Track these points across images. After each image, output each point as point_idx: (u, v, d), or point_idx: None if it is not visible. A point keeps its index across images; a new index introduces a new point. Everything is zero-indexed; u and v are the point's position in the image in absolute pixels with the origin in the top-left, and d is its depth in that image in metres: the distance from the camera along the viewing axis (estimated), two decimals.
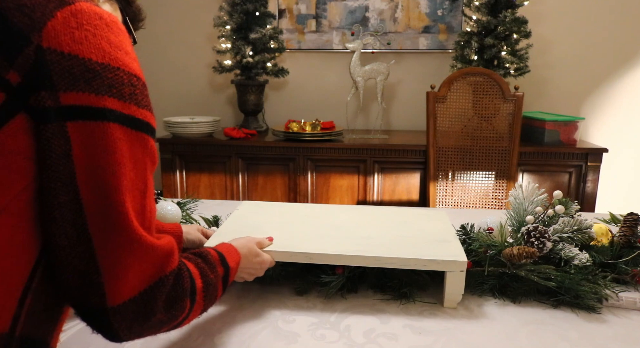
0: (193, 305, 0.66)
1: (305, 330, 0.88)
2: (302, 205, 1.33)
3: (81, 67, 0.52)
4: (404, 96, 2.84)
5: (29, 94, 0.50)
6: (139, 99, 0.56)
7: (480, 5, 2.40)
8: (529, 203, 1.11)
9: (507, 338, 0.85)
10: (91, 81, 0.52)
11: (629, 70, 2.70)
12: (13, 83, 0.50)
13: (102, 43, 0.53)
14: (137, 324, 0.57)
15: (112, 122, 0.53)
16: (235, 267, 0.83)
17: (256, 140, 2.44)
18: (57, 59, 0.51)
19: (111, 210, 0.53)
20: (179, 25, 2.88)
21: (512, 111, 2.16)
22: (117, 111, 0.54)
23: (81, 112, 0.51)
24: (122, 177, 0.54)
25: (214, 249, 0.80)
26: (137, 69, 0.57)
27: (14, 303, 0.52)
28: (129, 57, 0.56)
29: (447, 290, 0.95)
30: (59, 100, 0.51)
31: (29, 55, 0.50)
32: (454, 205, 2.24)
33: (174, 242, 0.62)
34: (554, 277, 0.97)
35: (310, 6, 2.78)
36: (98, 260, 0.53)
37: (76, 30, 0.52)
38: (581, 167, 2.31)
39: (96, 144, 0.52)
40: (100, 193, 0.52)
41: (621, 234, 1.11)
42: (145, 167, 0.58)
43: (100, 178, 0.52)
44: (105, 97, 0.53)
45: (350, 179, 2.41)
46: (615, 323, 0.91)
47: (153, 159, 0.59)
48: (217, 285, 0.74)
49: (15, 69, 0.50)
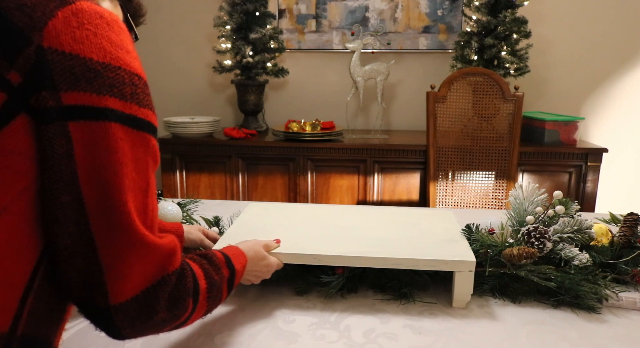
0: (196, 305, 0.66)
1: (305, 330, 0.88)
2: (308, 206, 1.33)
3: (82, 66, 0.52)
4: (404, 96, 2.84)
5: (30, 94, 0.50)
6: (140, 98, 0.56)
7: (480, 5, 2.40)
8: (529, 204, 1.11)
9: (507, 338, 0.85)
10: (92, 81, 0.52)
11: (629, 70, 2.70)
12: (14, 83, 0.50)
13: (103, 42, 0.53)
14: (140, 323, 0.57)
15: (113, 121, 0.53)
16: (241, 269, 0.83)
17: (256, 140, 2.44)
18: (58, 58, 0.51)
19: (113, 209, 0.53)
20: (179, 25, 2.88)
21: (512, 111, 2.16)
22: (119, 111, 0.54)
23: (83, 112, 0.51)
24: (124, 177, 0.54)
25: (220, 251, 0.80)
26: (139, 68, 0.57)
27: (14, 303, 0.52)
28: (130, 56, 0.56)
29: (456, 290, 0.95)
30: (60, 100, 0.51)
31: (30, 55, 0.50)
32: (454, 205, 2.24)
33: (176, 241, 0.62)
34: (554, 277, 0.97)
35: (310, 6, 2.78)
36: (100, 259, 0.53)
37: (77, 29, 0.52)
38: (581, 167, 2.31)
39: (98, 144, 0.52)
40: (103, 193, 0.52)
41: (621, 234, 1.11)
42: (147, 166, 0.58)
43: (102, 178, 0.52)
44: (107, 96, 0.53)
45: (350, 179, 2.41)
46: (615, 323, 0.91)
47: (155, 158, 0.59)
48: (222, 287, 0.74)
49: (16, 69, 0.50)
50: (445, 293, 1.01)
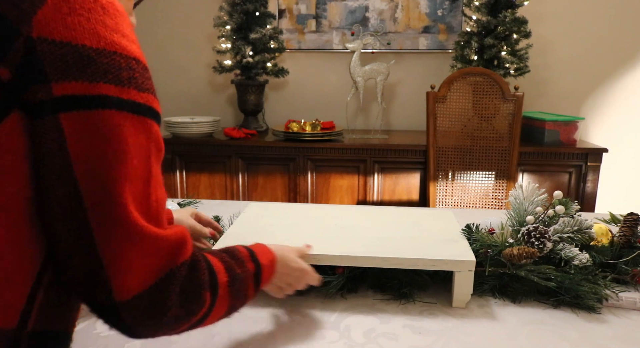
0: (215, 299, 0.62)
1: (306, 330, 0.88)
2: (308, 206, 1.33)
3: (75, 54, 0.49)
4: (404, 96, 2.84)
5: (22, 91, 0.48)
6: (138, 82, 0.53)
7: (480, 5, 2.40)
8: (529, 204, 1.11)
9: (507, 338, 0.85)
10: (85, 68, 0.49)
11: (629, 70, 2.70)
12: (4, 79, 0.48)
13: (97, 27, 0.50)
14: (152, 320, 0.55)
15: (108, 109, 0.50)
16: (269, 265, 0.77)
17: (256, 140, 2.44)
18: (49, 48, 0.48)
19: (109, 201, 0.51)
20: (179, 25, 2.88)
21: (512, 111, 2.16)
22: (114, 96, 0.51)
23: (75, 101, 0.49)
24: (121, 166, 0.51)
25: (243, 246, 0.76)
26: (136, 51, 0.54)
27: (21, 300, 0.52)
28: (127, 40, 0.53)
29: (456, 290, 0.95)
30: (51, 92, 0.48)
31: (18, 49, 0.47)
32: (454, 205, 2.24)
33: (185, 231, 0.59)
34: (554, 277, 0.97)
35: (310, 6, 2.78)
36: (100, 254, 0.51)
37: (68, 16, 0.49)
38: (581, 167, 2.31)
39: (92, 134, 0.50)
40: (99, 184, 0.50)
41: (621, 234, 1.11)
42: (149, 154, 0.55)
43: (98, 168, 0.50)
44: (100, 84, 0.50)
45: (350, 179, 2.41)
46: (615, 323, 0.91)
47: (158, 145, 0.56)
48: (248, 282, 0.70)
49: (5, 65, 0.47)
50: (445, 293, 1.01)
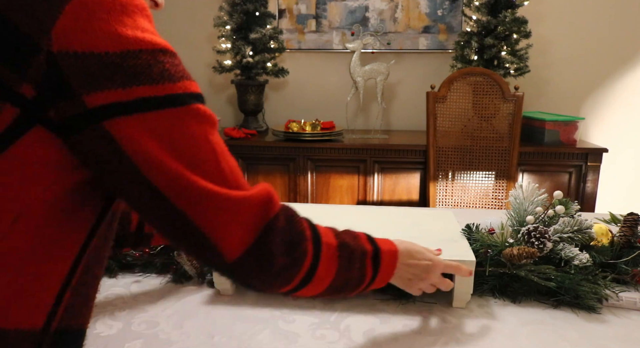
0: (319, 253, 0.65)
1: (305, 330, 0.88)
2: (308, 206, 1.33)
3: (99, 64, 0.47)
4: (404, 96, 2.84)
5: (47, 107, 0.47)
6: (171, 73, 0.52)
7: (480, 5, 2.40)
8: (529, 204, 1.11)
9: (507, 338, 0.85)
10: (113, 76, 0.48)
11: (629, 70, 2.70)
12: (28, 96, 0.47)
13: (117, 28, 0.49)
14: (264, 274, 0.59)
15: (148, 111, 0.50)
16: (389, 251, 0.77)
17: (256, 140, 2.44)
18: (71, 61, 0.46)
19: (186, 187, 0.52)
20: (179, 25, 2.88)
21: (512, 111, 2.16)
22: (152, 97, 0.50)
23: (114, 109, 0.48)
24: (182, 158, 0.52)
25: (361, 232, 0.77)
26: (160, 42, 0.52)
27: (50, 300, 0.52)
28: (148, 33, 0.51)
29: (456, 290, 0.95)
30: (84, 105, 0.47)
31: (40, 65, 0.46)
32: (454, 205, 2.24)
33: (268, 187, 0.61)
34: (554, 277, 0.97)
35: (310, 6, 2.78)
36: (200, 229, 0.53)
37: (87, 22, 0.47)
38: (581, 167, 2.31)
39: (141, 136, 0.49)
40: (169, 176, 0.51)
41: (621, 234, 1.11)
42: (206, 134, 0.55)
43: (161, 164, 0.51)
44: (134, 87, 0.49)
45: (350, 179, 2.41)
46: (615, 323, 0.91)
47: (211, 121, 0.56)
48: (364, 259, 0.72)
49: (29, 82, 0.46)
50: (445, 293, 1.00)
